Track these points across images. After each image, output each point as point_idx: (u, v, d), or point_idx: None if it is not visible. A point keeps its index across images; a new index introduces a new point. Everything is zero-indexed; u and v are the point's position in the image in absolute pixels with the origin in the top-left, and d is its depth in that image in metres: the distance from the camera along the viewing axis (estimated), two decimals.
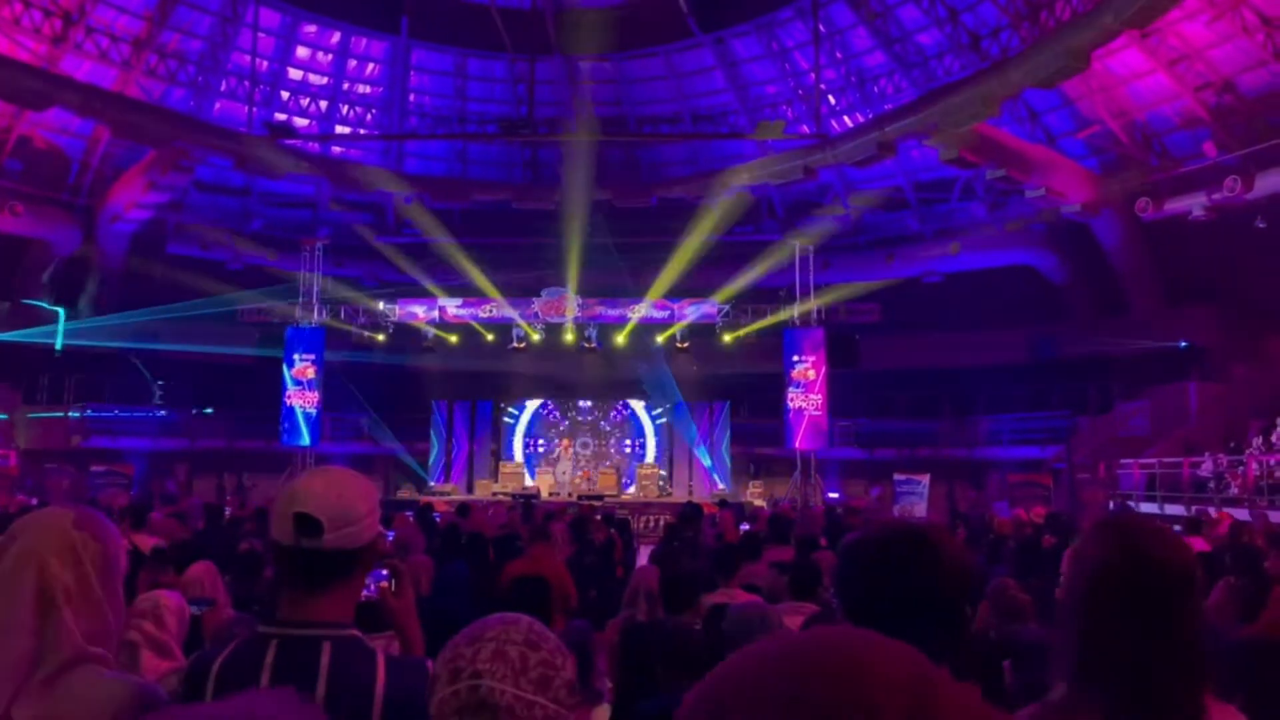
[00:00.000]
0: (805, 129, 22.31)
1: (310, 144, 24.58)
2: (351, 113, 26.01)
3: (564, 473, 22.68)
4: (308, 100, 25.36)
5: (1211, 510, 13.48)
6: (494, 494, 21.93)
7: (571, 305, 22.47)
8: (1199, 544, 7.62)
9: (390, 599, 2.01)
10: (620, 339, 23.39)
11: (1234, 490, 15.19)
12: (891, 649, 0.69)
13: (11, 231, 21.37)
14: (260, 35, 21.37)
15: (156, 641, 2.86)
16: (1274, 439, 15.93)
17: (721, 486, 23.25)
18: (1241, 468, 15.41)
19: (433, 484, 23.75)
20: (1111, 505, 17.43)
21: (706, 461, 23.83)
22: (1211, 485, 15.71)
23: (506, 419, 25.56)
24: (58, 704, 1.44)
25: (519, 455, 25.13)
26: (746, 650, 0.70)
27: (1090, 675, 1.44)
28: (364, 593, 1.88)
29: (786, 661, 0.67)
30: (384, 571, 2.05)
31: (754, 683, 0.67)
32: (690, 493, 23.20)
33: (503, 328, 23.12)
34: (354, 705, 1.64)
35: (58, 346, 21.08)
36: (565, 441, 24.06)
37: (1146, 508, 16.14)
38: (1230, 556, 6.17)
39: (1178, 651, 1.42)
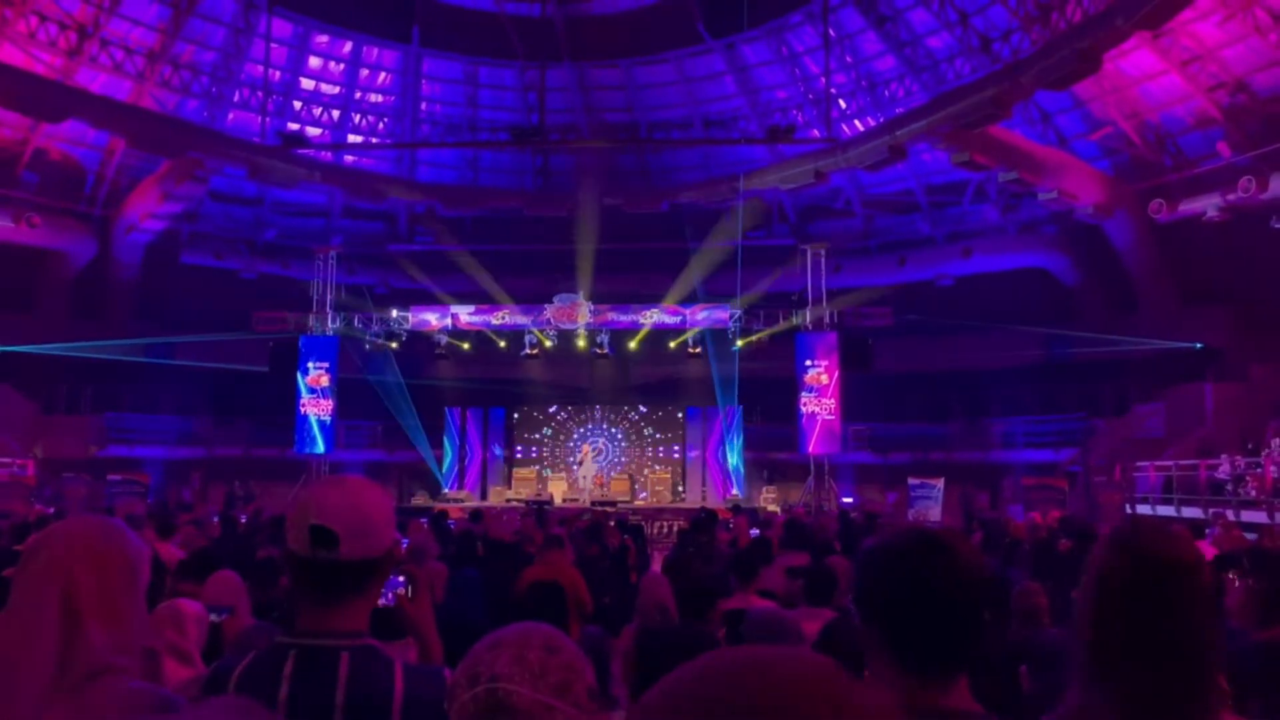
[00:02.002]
0: (816, 133, 22.30)
1: (323, 153, 24.74)
2: (364, 122, 26.14)
3: (584, 478, 22.70)
4: (320, 110, 25.51)
5: (1229, 513, 13.37)
6: (507, 500, 21.97)
7: (583, 311, 22.48)
8: (1204, 549, 7.56)
9: (407, 606, 2.02)
10: (633, 344, 23.41)
11: (1252, 492, 15.05)
12: (806, 658, 0.72)
13: (28, 243, 21.54)
14: (273, 46, 21.49)
15: (178, 649, 2.88)
16: None
17: (735, 492, 23.21)
18: (1259, 469, 15.28)
19: (446, 491, 23.79)
20: (1127, 508, 17.33)
21: (733, 462, 23.73)
22: (1229, 488, 15.58)
23: (519, 425, 25.61)
24: (82, 714, 1.45)
25: (531, 461, 25.17)
26: (674, 672, 0.73)
27: (1101, 678, 1.45)
28: (381, 600, 1.89)
29: (722, 677, 0.70)
30: (400, 579, 2.06)
31: (687, 701, 0.69)
32: (703, 498, 23.17)
33: (515, 334, 23.17)
34: (373, 714, 1.65)
35: None
36: (585, 448, 24.09)
37: (1163, 510, 16.03)
38: (1249, 559, 6.12)
39: (1185, 650, 1.42)
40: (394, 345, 23.40)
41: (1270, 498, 14.28)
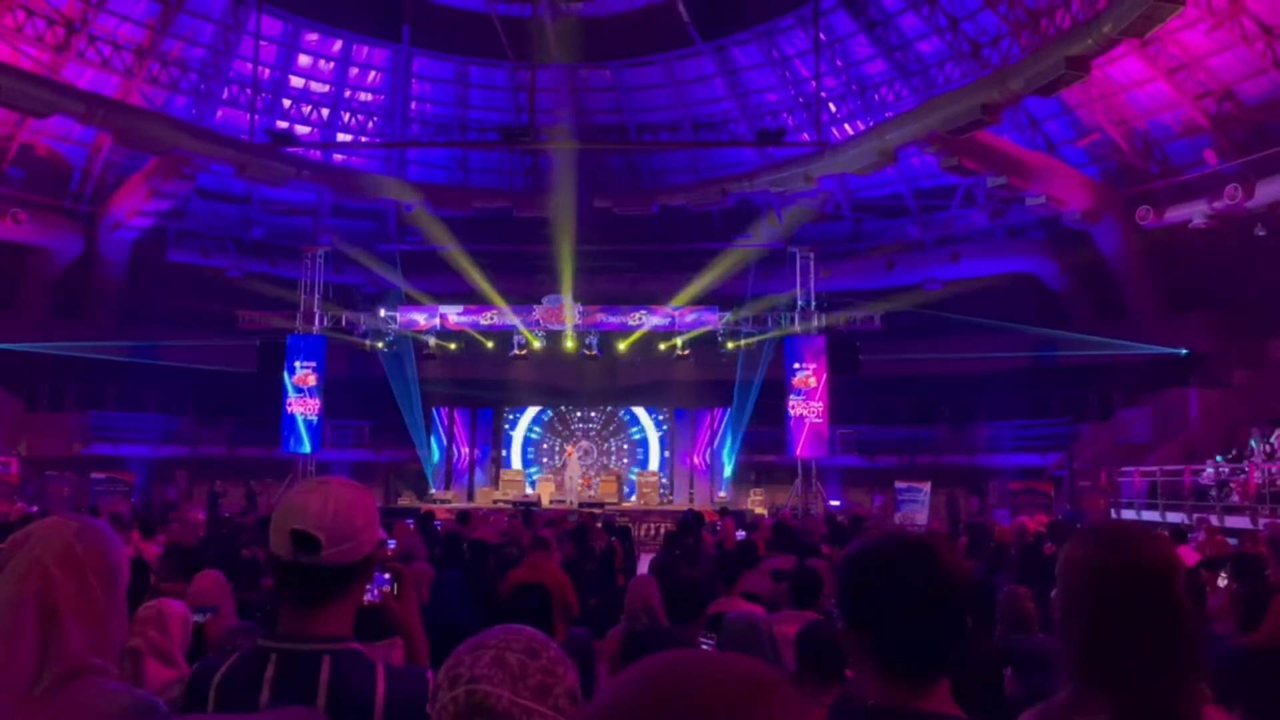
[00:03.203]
0: (806, 137, 22.34)
1: (312, 151, 24.63)
2: (353, 120, 26.06)
3: (572, 478, 22.68)
4: (309, 108, 25.42)
5: (1212, 518, 13.46)
6: (494, 501, 21.92)
7: (572, 312, 22.45)
8: (1187, 554, 7.61)
9: (393, 604, 2.01)
10: (622, 346, 23.39)
11: (1236, 498, 15.15)
12: (729, 663, 0.77)
13: (13, 239, 21.39)
14: (262, 43, 21.39)
15: (160, 649, 2.86)
16: (1275, 441, 15.89)
17: (722, 494, 23.21)
18: (1243, 475, 15.38)
19: (433, 491, 23.72)
20: (1112, 513, 17.41)
21: (721, 464, 23.71)
22: (1213, 493, 15.68)
23: (507, 426, 25.56)
24: (59, 715, 1.43)
25: (519, 463, 25.12)
26: (617, 679, 0.79)
27: (1088, 676, 1.46)
28: (366, 597, 1.88)
29: (645, 686, 0.76)
30: (386, 576, 2.05)
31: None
32: (691, 500, 23.18)
33: (503, 335, 23.12)
34: (355, 718, 1.64)
35: None
36: (569, 449, 24.06)
37: (1148, 515, 16.11)
38: (1233, 565, 6.15)
39: (1167, 646, 1.44)
40: (382, 345, 23.33)
41: (1254, 503, 14.38)
